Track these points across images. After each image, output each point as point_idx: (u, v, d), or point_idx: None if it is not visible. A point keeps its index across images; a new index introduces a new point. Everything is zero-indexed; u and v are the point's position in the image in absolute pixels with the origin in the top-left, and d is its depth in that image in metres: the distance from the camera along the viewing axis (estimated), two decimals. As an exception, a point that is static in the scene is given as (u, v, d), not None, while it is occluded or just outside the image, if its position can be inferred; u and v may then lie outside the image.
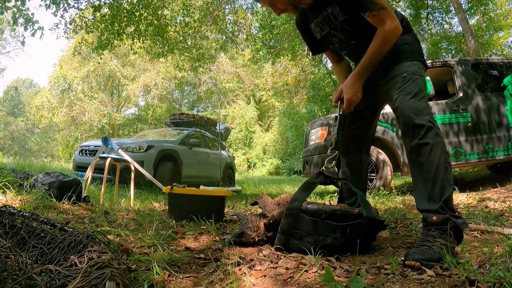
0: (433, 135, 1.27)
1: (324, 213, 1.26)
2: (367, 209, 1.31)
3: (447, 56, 14.12)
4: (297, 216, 1.27)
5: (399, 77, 1.40)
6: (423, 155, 1.28)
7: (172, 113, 8.09)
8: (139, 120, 24.17)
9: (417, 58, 1.46)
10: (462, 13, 8.02)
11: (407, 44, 1.48)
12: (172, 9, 9.44)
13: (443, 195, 1.24)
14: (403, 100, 1.34)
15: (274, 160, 19.99)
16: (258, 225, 1.39)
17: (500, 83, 4.34)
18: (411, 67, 1.42)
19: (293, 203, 1.29)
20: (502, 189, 3.51)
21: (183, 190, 2.18)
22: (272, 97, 22.38)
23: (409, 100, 1.33)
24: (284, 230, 1.28)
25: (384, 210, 2.59)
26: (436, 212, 1.24)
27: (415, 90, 1.35)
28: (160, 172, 5.06)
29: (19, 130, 28.95)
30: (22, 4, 6.00)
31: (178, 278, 1.03)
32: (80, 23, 7.47)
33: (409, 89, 1.35)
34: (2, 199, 2.19)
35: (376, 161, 4.01)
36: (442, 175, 1.25)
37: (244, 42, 12.17)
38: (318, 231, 1.24)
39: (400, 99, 1.36)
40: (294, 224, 1.27)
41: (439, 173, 1.25)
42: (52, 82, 20.49)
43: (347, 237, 1.24)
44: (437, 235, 1.21)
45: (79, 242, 1.02)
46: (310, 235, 1.24)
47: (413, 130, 1.29)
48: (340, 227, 1.24)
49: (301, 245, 1.25)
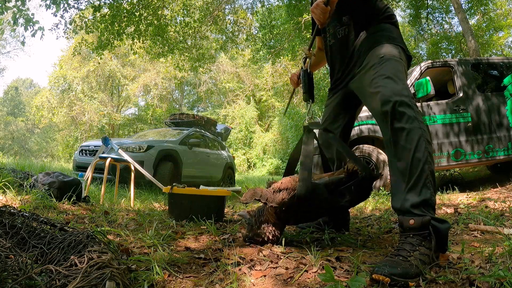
0: (411, 119, 1.12)
1: (332, 184, 1.34)
2: (360, 165, 1.35)
3: (447, 56, 14.12)
4: (312, 189, 1.28)
5: (376, 59, 1.28)
6: (399, 141, 1.12)
7: (172, 113, 8.09)
8: (139, 120, 24.16)
9: (397, 43, 1.36)
10: (462, 13, 8.03)
11: (386, 30, 1.40)
12: (172, 9, 9.44)
13: (423, 191, 1.07)
14: (379, 82, 1.21)
15: (274, 160, 19.98)
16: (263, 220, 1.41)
17: (500, 83, 4.34)
18: (390, 49, 1.30)
19: (303, 173, 1.30)
20: (502, 189, 3.52)
21: (183, 190, 2.17)
22: (272, 97, 22.38)
23: (385, 81, 1.20)
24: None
25: (384, 210, 2.59)
26: (412, 214, 1.06)
27: (393, 72, 1.22)
28: (160, 172, 5.05)
29: (19, 130, 28.94)
30: (23, 4, 6.00)
31: (178, 278, 1.03)
32: (80, 23, 7.48)
33: (385, 71, 1.23)
34: (2, 199, 2.19)
35: (376, 161, 4.00)
36: (422, 165, 1.08)
37: (244, 42, 12.17)
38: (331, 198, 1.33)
39: (376, 82, 1.22)
40: (310, 196, 1.28)
41: (418, 163, 1.09)
42: (52, 82, 20.50)
43: (353, 194, 1.33)
44: (416, 242, 1.02)
45: (79, 242, 1.02)
46: (325, 201, 1.33)
47: (388, 114, 1.14)
48: (347, 188, 1.32)
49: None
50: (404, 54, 1.36)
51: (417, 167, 1.09)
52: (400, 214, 1.12)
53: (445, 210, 2.46)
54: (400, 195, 1.13)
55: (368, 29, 1.42)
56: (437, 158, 4.10)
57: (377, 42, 1.35)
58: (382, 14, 1.45)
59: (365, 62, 1.35)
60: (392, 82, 1.20)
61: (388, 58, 1.27)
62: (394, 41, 1.36)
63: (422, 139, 1.11)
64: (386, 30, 1.40)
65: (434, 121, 4.18)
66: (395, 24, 1.45)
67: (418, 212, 1.07)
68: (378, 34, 1.39)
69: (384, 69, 1.24)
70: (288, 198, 1.32)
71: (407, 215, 1.09)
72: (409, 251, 1.01)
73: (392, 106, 1.14)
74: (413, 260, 0.97)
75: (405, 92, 1.17)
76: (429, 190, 1.09)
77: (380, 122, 1.23)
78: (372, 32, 1.41)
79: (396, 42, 1.36)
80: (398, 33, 1.43)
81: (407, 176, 1.11)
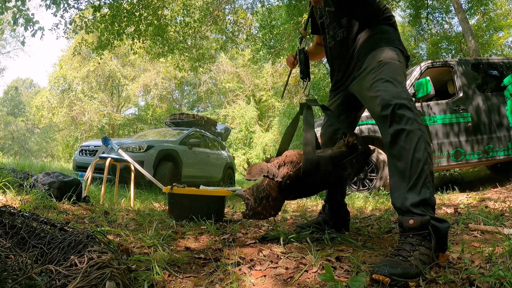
0: (410, 120, 1.14)
1: (336, 157, 1.37)
2: (359, 140, 1.40)
3: (447, 56, 14.13)
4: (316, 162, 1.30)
5: (374, 63, 1.30)
6: (398, 142, 1.14)
7: (172, 113, 8.10)
8: (139, 120, 24.15)
9: (396, 45, 1.37)
10: (462, 13, 8.03)
11: (384, 32, 1.41)
12: (172, 9, 9.44)
13: (422, 190, 1.09)
14: (378, 86, 1.23)
15: (274, 160, 19.95)
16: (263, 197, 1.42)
17: (500, 83, 4.34)
18: (388, 53, 1.31)
19: (307, 147, 1.31)
20: (502, 189, 3.52)
21: (183, 190, 2.17)
22: (272, 97, 22.36)
23: (384, 85, 1.21)
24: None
25: (384, 210, 2.59)
26: (412, 213, 1.08)
27: (392, 75, 1.24)
28: (160, 172, 5.06)
29: (19, 130, 28.94)
30: (23, 4, 6.01)
31: (178, 278, 1.03)
32: (80, 23, 7.48)
33: (384, 75, 1.24)
34: (2, 199, 2.19)
35: (376, 161, 4.01)
36: (422, 165, 1.10)
37: (244, 42, 12.17)
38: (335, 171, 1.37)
39: (375, 86, 1.24)
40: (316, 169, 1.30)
41: (418, 163, 1.10)
42: (52, 82, 20.49)
43: (353, 167, 1.37)
44: (415, 242, 1.03)
45: (79, 242, 1.02)
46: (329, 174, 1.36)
47: (388, 117, 1.16)
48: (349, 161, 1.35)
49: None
50: (402, 55, 1.38)
51: (417, 167, 1.11)
52: (400, 213, 1.13)
53: (445, 210, 2.46)
54: (400, 194, 1.14)
55: (367, 31, 1.43)
56: (437, 158, 4.11)
57: (376, 46, 1.36)
58: (381, 15, 1.46)
59: (364, 66, 1.36)
60: (391, 85, 1.22)
61: (387, 61, 1.29)
62: (393, 44, 1.37)
63: (421, 140, 1.13)
64: (385, 33, 1.42)
65: (434, 121, 4.18)
66: (393, 26, 1.47)
67: (418, 212, 1.08)
68: (377, 37, 1.40)
69: (383, 73, 1.26)
70: (293, 171, 1.33)
71: (407, 214, 1.10)
72: (409, 251, 1.01)
73: (392, 110, 1.16)
74: (413, 260, 0.97)
75: (404, 94, 1.19)
76: (429, 190, 1.11)
77: (380, 125, 1.25)
78: (371, 35, 1.42)
79: (394, 45, 1.37)
80: (396, 34, 1.44)
81: (407, 175, 1.12)
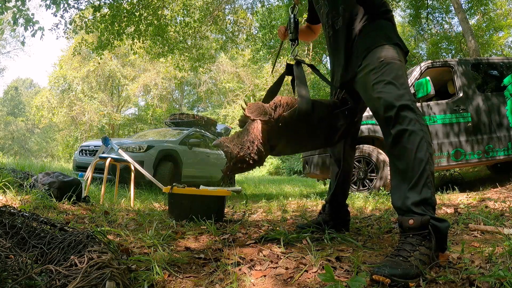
0: (412, 121, 1.15)
1: (329, 105, 1.47)
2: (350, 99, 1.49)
3: (447, 56, 14.13)
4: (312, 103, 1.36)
5: (376, 63, 1.30)
6: (400, 142, 1.15)
7: (172, 113, 8.10)
8: (139, 120, 24.15)
9: (395, 41, 1.37)
10: (462, 13, 8.03)
11: (383, 28, 1.40)
12: (172, 9, 9.44)
13: (423, 190, 1.09)
14: (381, 88, 1.24)
15: (274, 160, 19.97)
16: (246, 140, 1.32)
17: (500, 83, 4.34)
18: (389, 51, 1.32)
19: (302, 93, 1.37)
20: (502, 189, 3.52)
21: (183, 190, 2.18)
22: (272, 97, 22.34)
23: (387, 87, 1.23)
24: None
25: (384, 210, 2.59)
26: (413, 213, 1.08)
27: (394, 76, 1.24)
28: (160, 172, 5.06)
29: (19, 130, 28.95)
30: (23, 4, 6.01)
31: (178, 278, 1.03)
32: (80, 23, 7.47)
33: (386, 76, 1.25)
34: (2, 199, 2.19)
35: (376, 161, 4.00)
36: (424, 165, 1.11)
37: (244, 42, 12.17)
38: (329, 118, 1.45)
39: (378, 87, 1.25)
40: (311, 111, 1.35)
41: (420, 163, 1.11)
42: (52, 82, 20.50)
43: (346, 119, 1.46)
44: (415, 242, 1.03)
45: (79, 242, 1.02)
46: (323, 121, 1.43)
47: (392, 118, 1.18)
48: (342, 112, 1.45)
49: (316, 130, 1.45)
50: (402, 52, 1.38)
51: (419, 167, 1.12)
52: (401, 213, 1.13)
53: (445, 210, 2.46)
54: (401, 194, 1.14)
55: (366, 25, 1.42)
56: (437, 158, 4.10)
57: (376, 43, 1.36)
58: (379, 7, 1.44)
59: (365, 63, 1.35)
60: (394, 87, 1.23)
61: (388, 62, 1.29)
62: (392, 40, 1.37)
63: (423, 141, 1.14)
64: (384, 28, 1.41)
65: (434, 121, 4.18)
66: (391, 20, 1.46)
67: (418, 211, 1.08)
68: (376, 33, 1.39)
69: (384, 74, 1.27)
70: (288, 112, 1.33)
71: (407, 214, 1.10)
72: (409, 251, 1.01)
73: (396, 112, 1.18)
74: (413, 261, 0.98)
75: (406, 96, 1.21)
76: (430, 190, 1.11)
77: (382, 126, 1.26)
78: (370, 30, 1.41)
79: (393, 41, 1.37)
80: (394, 29, 1.44)
81: (408, 175, 1.13)
